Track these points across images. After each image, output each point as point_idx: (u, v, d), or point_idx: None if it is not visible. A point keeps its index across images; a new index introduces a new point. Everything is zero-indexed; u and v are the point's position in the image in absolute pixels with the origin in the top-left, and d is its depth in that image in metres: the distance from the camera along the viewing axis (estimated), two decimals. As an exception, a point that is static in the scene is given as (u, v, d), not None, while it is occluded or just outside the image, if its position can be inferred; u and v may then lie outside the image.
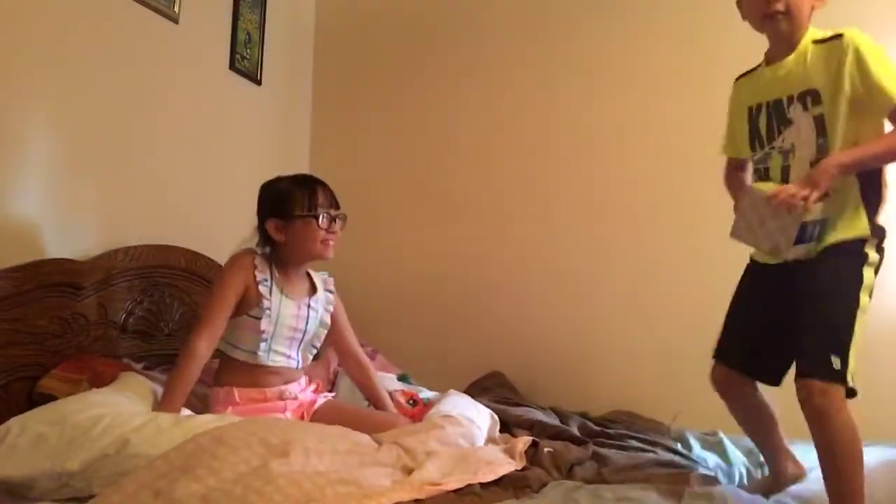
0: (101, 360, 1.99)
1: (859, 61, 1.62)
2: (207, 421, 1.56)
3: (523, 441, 1.85)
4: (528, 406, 2.41)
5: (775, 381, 1.84)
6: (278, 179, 1.98)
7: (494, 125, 3.07)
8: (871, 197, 1.69)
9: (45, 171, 2.06)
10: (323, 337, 2.02)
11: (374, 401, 2.09)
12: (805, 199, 1.57)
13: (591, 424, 2.28)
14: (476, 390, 2.62)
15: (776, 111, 1.75)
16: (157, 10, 2.43)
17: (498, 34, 3.11)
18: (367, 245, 3.17)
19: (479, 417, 1.99)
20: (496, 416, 2.09)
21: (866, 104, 1.63)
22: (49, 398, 1.76)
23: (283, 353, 1.92)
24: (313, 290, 2.01)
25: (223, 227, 2.76)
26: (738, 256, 1.88)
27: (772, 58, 1.79)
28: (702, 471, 1.96)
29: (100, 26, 2.22)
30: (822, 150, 1.66)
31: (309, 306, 1.96)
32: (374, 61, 3.30)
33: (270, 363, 1.88)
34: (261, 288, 1.85)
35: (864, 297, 1.65)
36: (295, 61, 3.29)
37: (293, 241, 1.91)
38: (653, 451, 2.06)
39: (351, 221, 2.11)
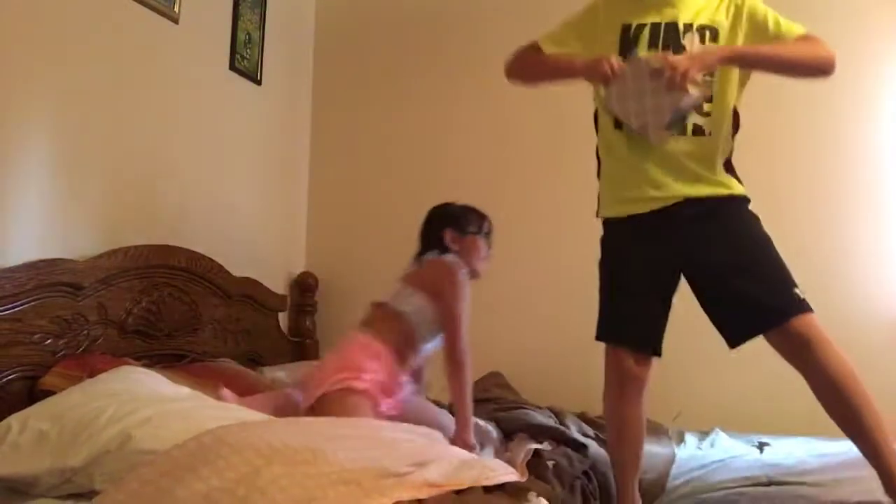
0: (101, 357, 1.99)
1: (754, 9, 1.72)
2: (211, 417, 1.57)
3: (524, 452, 1.83)
4: (525, 408, 2.40)
5: (659, 349, 1.79)
6: (449, 203, 2.25)
7: (495, 125, 3.07)
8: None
9: (45, 171, 2.06)
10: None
11: None
12: (685, 75, 1.56)
13: (587, 428, 2.27)
14: (475, 390, 2.61)
15: (668, 33, 1.73)
16: (157, 10, 2.43)
17: (499, 33, 3.09)
18: (367, 244, 3.17)
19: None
20: (491, 429, 2.07)
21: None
22: (50, 395, 1.76)
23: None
24: None
25: (223, 227, 2.77)
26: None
27: None
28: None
29: (100, 26, 2.22)
30: (708, 88, 1.68)
31: None
32: (374, 61, 3.30)
33: (422, 355, 2.05)
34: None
35: None
36: (295, 61, 3.29)
37: (464, 253, 2.13)
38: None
39: (350, 220, 2.11)
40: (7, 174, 1.96)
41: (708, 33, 1.71)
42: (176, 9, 2.50)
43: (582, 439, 2.08)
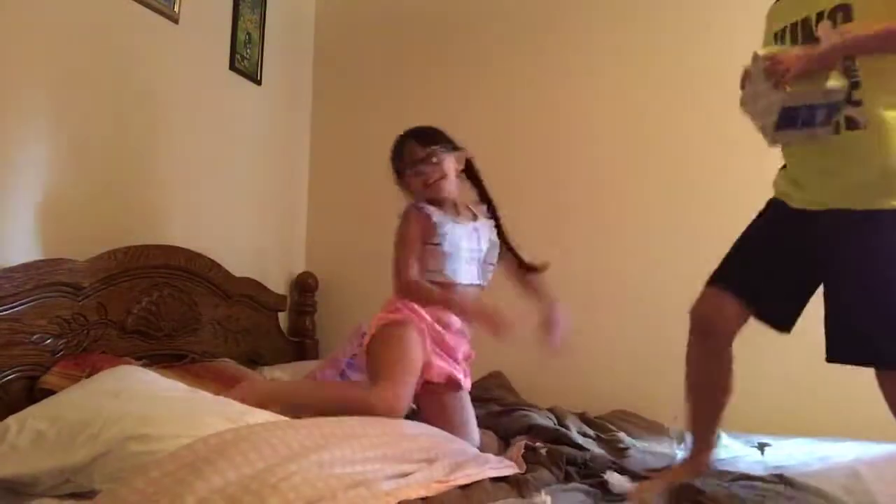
0: (101, 357, 1.99)
1: None
2: (210, 414, 1.57)
3: (518, 447, 1.85)
4: (524, 409, 2.39)
5: (785, 324, 1.66)
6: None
7: (496, 125, 3.07)
8: None
9: (45, 171, 2.06)
10: (495, 256, 2.20)
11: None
12: (784, 72, 1.40)
13: (587, 428, 2.27)
14: (476, 390, 2.61)
15: (803, 30, 1.56)
16: (157, 10, 2.43)
17: (501, 33, 3.11)
18: (367, 244, 3.16)
19: None
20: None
21: None
22: (50, 395, 1.76)
23: (468, 269, 2.11)
24: (475, 218, 2.21)
25: (223, 226, 2.77)
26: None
27: None
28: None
29: (100, 26, 2.22)
30: (849, 74, 1.48)
31: (477, 230, 2.15)
32: (374, 61, 3.30)
33: (461, 280, 2.08)
34: (435, 219, 2.07)
35: None
36: (295, 61, 3.29)
37: (412, 194, 2.17)
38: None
39: (350, 220, 2.11)
40: (7, 174, 1.96)
41: (840, 15, 1.50)
42: (176, 9, 2.50)
43: (582, 441, 2.08)
